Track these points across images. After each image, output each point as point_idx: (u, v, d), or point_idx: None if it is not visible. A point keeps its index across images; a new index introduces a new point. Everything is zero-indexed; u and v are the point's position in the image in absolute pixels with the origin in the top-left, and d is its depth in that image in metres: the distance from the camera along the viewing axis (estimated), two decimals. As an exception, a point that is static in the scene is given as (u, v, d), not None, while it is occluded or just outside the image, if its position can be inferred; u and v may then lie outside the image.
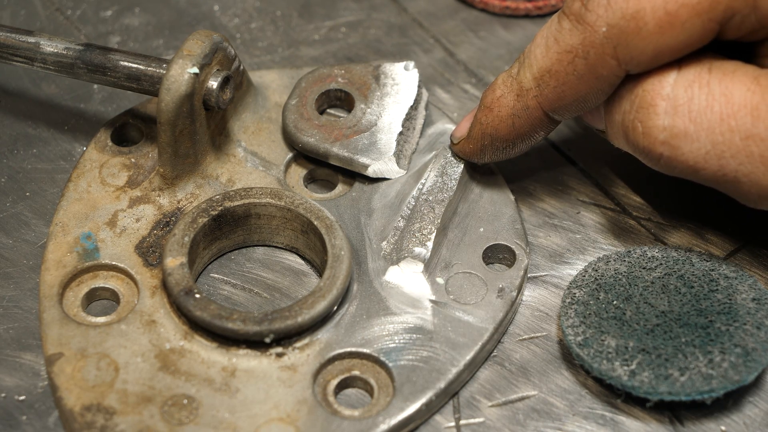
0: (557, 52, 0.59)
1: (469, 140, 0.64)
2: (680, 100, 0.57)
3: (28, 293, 0.63)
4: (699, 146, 0.57)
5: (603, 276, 0.62)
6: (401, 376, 0.59)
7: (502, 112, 0.62)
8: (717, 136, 0.57)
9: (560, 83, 0.60)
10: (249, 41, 0.75)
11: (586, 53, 0.58)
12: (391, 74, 0.68)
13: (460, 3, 0.77)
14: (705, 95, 0.57)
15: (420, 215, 0.63)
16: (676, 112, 0.57)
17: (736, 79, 0.57)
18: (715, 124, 0.57)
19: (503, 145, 0.63)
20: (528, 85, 0.61)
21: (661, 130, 0.58)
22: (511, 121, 0.62)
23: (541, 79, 0.60)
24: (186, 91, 0.62)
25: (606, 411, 0.60)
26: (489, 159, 0.64)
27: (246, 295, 0.64)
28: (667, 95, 0.58)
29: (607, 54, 0.58)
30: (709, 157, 0.57)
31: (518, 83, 0.61)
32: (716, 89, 0.57)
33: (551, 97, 0.60)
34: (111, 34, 0.75)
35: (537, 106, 0.61)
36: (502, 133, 0.62)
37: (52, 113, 0.71)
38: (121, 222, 0.64)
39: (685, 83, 0.57)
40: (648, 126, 0.58)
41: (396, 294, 0.62)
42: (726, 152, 0.57)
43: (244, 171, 0.66)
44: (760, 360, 0.58)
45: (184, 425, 0.57)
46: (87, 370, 0.59)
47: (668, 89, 0.58)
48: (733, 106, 0.57)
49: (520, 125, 0.62)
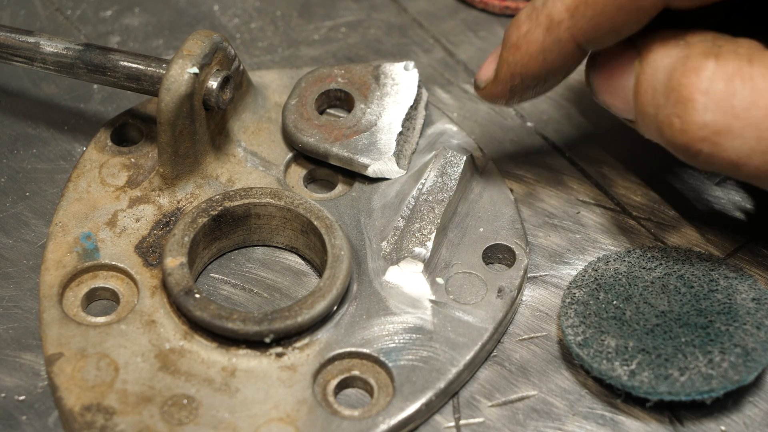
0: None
1: (496, 82, 0.61)
2: (722, 95, 0.55)
3: (28, 293, 0.63)
4: (743, 142, 0.55)
5: (603, 276, 0.62)
6: (401, 376, 0.59)
7: (531, 48, 0.58)
8: (763, 132, 0.54)
9: (597, 13, 0.57)
10: (249, 41, 0.75)
11: None
12: (391, 74, 0.68)
13: (460, 3, 0.77)
14: (749, 90, 0.54)
15: (420, 215, 0.63)
16: (717, 107, 0.55)
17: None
18: (760, 120, 0.54)
19: (534, 83, 0.60)
20: (560, 16, 0.57)
21: (701, 127, 0.55)
22: (542, 57, 0.58)
23: (576, 10, 0.57)
24: (186, 91, 0.62)
25: (606, 411, 0.60)
26: (518, 100, 0.61)
27: (246, 295, 0.64)
28: (706, 90, 0.55)
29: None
30: (753, 154, 0.55)
31: (547, 16, 0.58)
32: (761, 83, 0.54)
33: (586, 28, 0.57)
34: (111, 34, 0.75)
35: (570, 38, 0.58)
36: (533, 70, 0.59)
37: (52, 113, 0.71)
38: (121, 222, 0.64)
39: (725, 76, 0.55)
40: (687, 122, 0.55)
41: (396, 294, 0.62)
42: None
43: (244, 171, 0.66)
44: (760, 360, 0.58)
45: (184, 425, 0.57)
46: (87, 370, 0.59)
47: (707, 83, 0.55)
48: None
49: (551, 60, 0.58)
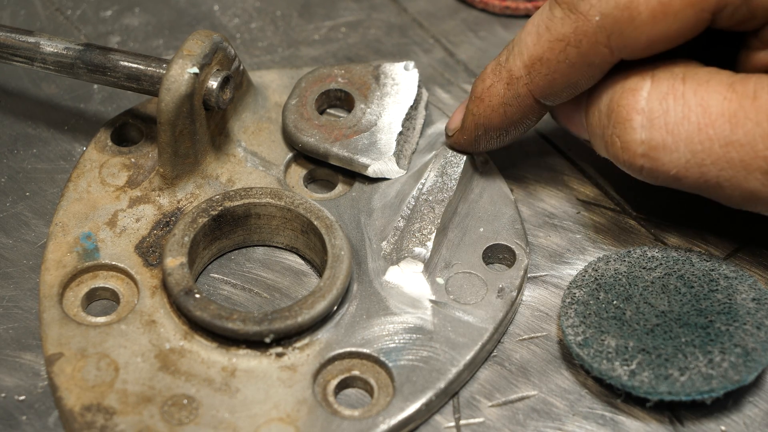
0: (549, 40, 0.59)
1: (462, 131, 0.64)
2: (656, 113, 0.58)
3: (28, 293, 0.63)
4: (678, 156, 0.57)
5: (603, 276, 0.62)
6: (401, 376, 0.59)
7: (494, 102, 0.62)
8: (696, 146, 0.57)
9: (551, 71, 0.60)
10: (249, 41, 0.75)
11: (579, 42, 0.59)
12: (391, 74, 0.68)
13: (460, 3, 0.77)
14: (681, 107, 0.57)
15: (420, 215, 0.63)
16: (652, 125, 0.58)
17: (711, 89, 0.57)
18: (693, 134, 0.57)
19: (496, 134, 0.63)
20: (518, 73, 0.61)
21: (639, 144, 0.58)
22: (502, 110, 0.62)
23: (532, 67, 0.60)
24: (186, 91, 0.62)
25: (606, 411, 0.60)
26: (483, 148, 0.65)
27: (246, 295, 0.64)
28: (642, 109, 0.58)
29: (600, 43, 0.58)
30: (689, 166, 0.58)
31: (508, 71, 0.61)
32: (692, 100, 0.57)
33: (542, 84, 0.61)
34: (111, 34, 0.75)
35: (528, 94, 0.61)
36: (495, 122, 0.63)
37: (52, 113, 0.71)
38: (121, 222, 0.64)
39: (659, 95, 0.58)
40: (626, 140, 0.58)
41: (396, 294, 0.62)
42: (706, 160, 0.57)
43: (244, 171, 0.66)
44: (760, 360, 0.58)
45: (184, 425, 0.57)
46: (87, 370, 0.59)
47: (642, 103, 0.58)
48: (711, 115, 0.57)
49: (511, 113, 0.62)
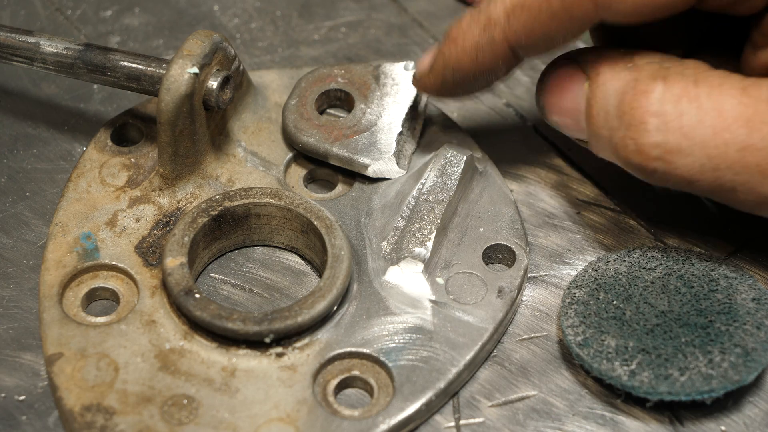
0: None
1: (431, 73, 0.63)
2: (670, 116, 0.57)
3: (28, 293, 0.63)
4: (693, 160, 0.57)
5: (603, 276, 0.62)
6: (401, 376, 0.59)
7: (467, 44, 0.61)
8: (711, 150, 0.57)
9: (531, 18, 0.59)
10: (249, 41, 0.75)
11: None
12: (391, 74, 0.68)
13: (460, 3, 0.77)
14: (695, 110, 0.57)
15: (420, 215, 0.63)
16: (667, 128, 0.57)
17: (725, 92, 0.57)
18: (708, 138, 0.57)
19: (464, 79, 0.62)
20: (497, 17, 0.60)
21: (654, 147, 0.57)
22: (474, 54, 0.61)
23: (512, 12, 0.59)
24: (186, 91, 0.62)
25: (606, 411, 0.60)
26: (448, 94, 0.64)
27: (246, 295, 0.64)
28: (656, 111, 0.57)
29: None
30: (704, 170, 0.57)
31: (486, 15, 0.60)
32: (706, 103, 0.57)
33: (519, 31, 0.59)
34: (111, 34, 0.75)
35: (503, 40, 0.60)
36: (465, 65, 0.61)
37: (52, 113, 0.71)
38: (121, 222, 0.64)
39: (672, 98, 0.57)
40: (640, 143, 0.58)
41: (396, 294, 0.62)
42: (721, 164, 0.57)
43: (244, 171, 0.66)
44: (760, 360, 0.58)
45: (184, 425, 0.57)
46: (87, 370, 0.59)
47: (656, 105, 0.57)
48: (726, 119, 0.56)
49: (483, 58, 0.61)
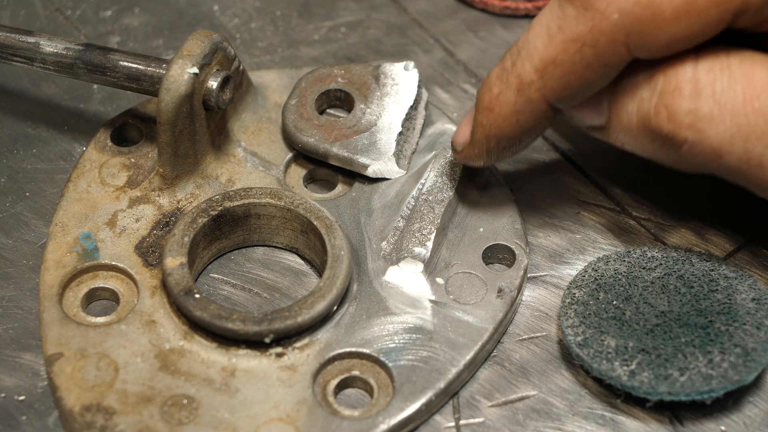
0: (562, 41, 0.57)
1: (473, 145, 0.62)
2: (703, 82, 0.56)
3: (28, 293, 0.63)
4: (724, 129, 0.56)
5: (603, 276, 0.62)
6: (401, 376, 0.59)
7: (504, 110, 0.60)
8: (741, 118, 0.56)
9: (566, 73, 0.58)
10: (249, 41, 0.75)
11: (596, 41, 0.57)
12: (391, 74, 0.68)
13: (460, 3, 0.77)
14: (727, 77, 0.56)
15: (420, 215, 0.63)
16: (700, 95, 0.56)
17: (757, 62, 0.56)
18: (738, 106, 0.56)
19: (509, 144, 0.61)
20: (529, 77, 0.58)
21: (687, 114, 0.56)
22: (515, 118, 0.60)
23: (544, 70, 0.58)
24: (186, 91, 0.62)
25: (606, 411, 0.60)
26: (495, 160, 0.62)
27: (246, 295, 0.64)
28: (690, 79, 0.56)
29: (619, 42, 0.56)
30: (734, 141, 0.56)
31: (517, 77, 0.59)
32: (737, 71, 0.56)
33: (556, 87, 0.58)
34: (111, 34, 0.75)
35: (541, 99, 0.59)
36: (507, 131, 0.60)
37: (52, 113, 0.71)
38: (120, 222, 0.64)
39: (706, 66, 0.56)
40: (674, 110, 0.56)
41: (396, 294, 0.62)
42: (751, 135, 0.56)
43: (243, 171, 0.66)
44: (759, 360, 0.58)
45: (183, 425, 0.57)
46: (87, 370, 0.59)
47: (690, 73, 0.56)
48: (756, 86, 0.56)
49: (524, 120, 0.60)
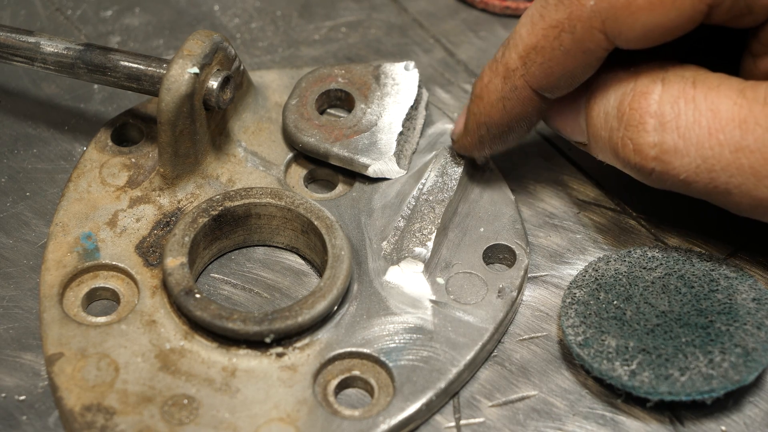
0: (543, 28, 0.59)
1: (466, 134, 0.64)
2: (668, 116, 0.58)
3: (28, 293, 0.63)
4: (689, 161, 0.57)
5: (603, 276, 0.62)
6: (401, 376, 0.59)
7: (492, 97, 0.62)
8: (706, 150, 0.57)
9: (546, 59, 0.59)
10: (249, 41, 0.75)
11: (573, 27, 0.58)
12: (391, 74, 0.68)
13: (460, 3, 0.77)
14: (692, 110, 0.57)
15: (420, 215, 0.63)
16: (664, 128, 0.58)
17: (722, 93, 0.57)
18: (704, 139, 0.57)
19: (499, 132, 0.63)
20: (514, 65, 0.60)
21: (652, 147, 0.58)
22: (501, 105, 0.62)
23: (527, 57, 0.60)
24: (186, 91, 0.62)
25: (606, 411, 0.60)
26: (489, 150, 0.64)
27: (246, 295, 0.64)
28: (654, 112, 0.58)
29: (595, 28, 0.58)
30: (699, 171, 0.57)
31: (504, 65, 0.61)
32: (702, 104, 0.57)
33: (538, 74, 0.60)
34: (111, 34, 0.75)
35: (525, 85, 0.61)
36: (495, 118, 0.62)
37: (52, 113, 0.71)
38: (121, 222, 0.64)
39: (670, 99, 0.58)
40: (638, 143, 0.58)
41: (396, 294, 0.62)
42: (716, 165, 0.57)
43: (244, 171, 0.66)
44: (760, 360, 0.58)
45: (184, 425, 0.57)
46: (87, 370, 0.59)
47: (654, 106, 0.58)
48: (721, 120, 0.57)
49: (511, 107, 0.61)
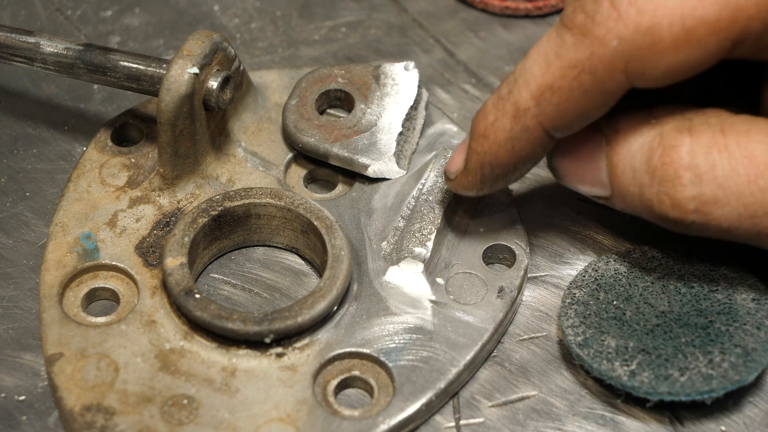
0: (560, 68, 0.57)
1: (466, 173, 0.60)
2: (703, 168, 0.56)
3: (28, 293, 0.63)
4: (731, 210, 0.56)
5: (603, 276, 0.62)
6: (401, 376, 0.59)
7: (499, 137, 0.58)
8: (748, 198, 0.56)
9: (563, 100, 0.57)
10: (249, 41, 0.75)
11: (594, 68, 0.56)
12: (391, 74, 0.68)
13: (460, 3, 0.77)
14: (727, 159, 0.56)
15: (420, 215, 0.63)
16: (701, 180, 0.56)
17: (753, 138, 0.56)
18: (743, 187, 0.56)
19: (504, 172, 0.60)
20: (526, 104, 0.57)
21: (691, 200, 0.56)
22: (510, 146, 0.58)
23: (541, 97, 0.57)
24: (186, 91, 0.62)
25: (606, 411, 0.60)
26: (489, 190, 0.61)
27: (246, 295, 0.64)
28: (688, 165, 0.56)
29: (618, 69, 0.56)
30: (742, 218, 0.56)
31: (513, 104, 0.58)
32: (736, 152, 0.56)
33: (553, 114, 0.57)
34: (111, 34, 0.75)
35: (537, 126, 0.58)
36: (502, 159, 0.59)
37: (52, 113, 0.71)
38: (121, 222, 0.64)
39: (702, 150, 0.56)
40: (676, 198, 0.57)
41: (396, 294, 0.62)
42: (759, 211, 0.56)
43: (244, 171, 0.66)
44: (760, 360, 0.58)
45: (184, 425, 0.57)
46: (87, 370, 0.59)
47: (687, 158, 0.56)
48: (759, 165, 0.56)
49: (520, 148, 0.58)
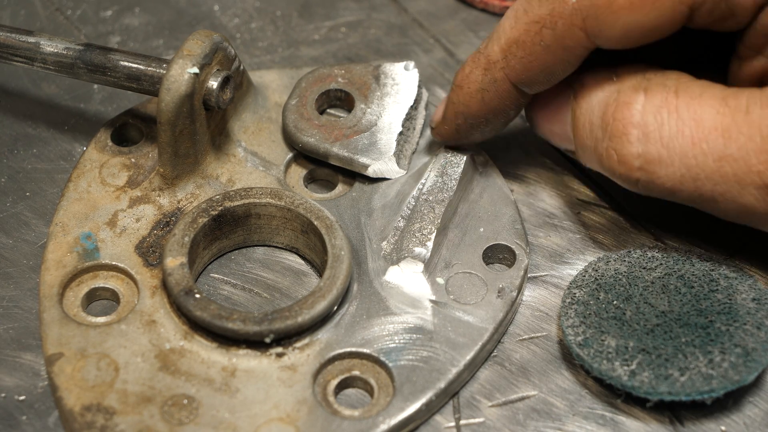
0: (525, 23, 0.60)
1: (444, 121, 0.65)
2: (651, 126, 0.58)
3: (28, 293, 0.63)
4: (674, 170, 0.58)
5: (603, 276, 0.62)
6: (401, 376, 0.59)
7: (471, 88, 0.63)
8: (690, 160, 0.57)
9: (527, 53, 0.60)
10: (249, 41, 0.75)
11: (554, 23, 0.59)
12: (391, 74, 0.68)
13: (460, 3, 0.77)
14: (675, 120, 0.58)
15: (420, 215, 0.63)
16: (648, 139, 0.58)
17: (704, 102, 0.57)
18: (687, 149, 0.57)
19: (476, 122, 0.64)
20: (495, 57, 0.61)
21: (636, 157, 0.58)
22: (480, 96, 0.63)
23: (508, 50, 0.61)
24: (186, 91, 0.62)
25: (606, 411, 0.60)
26: (465, 139, 0.65)
27: (246, 295, 0.64)
28: (637, 122, 0.58)
29: (576, 25, 0.59)
30: (684, 180, 0.58)
31: (485, 57, 0.62)
32: (685, 114, 0.57)
33: (518, 67, 0.61)
34: (111, 34, 0.75)
35: (504, 78, 0.62)
36: (474, 109, 0.63)
37: (52, 113, 0.71)
38: (121, 222, 0.64)
39: (653, 109, 0.58)
40: (622, 154, 0.59)
41: (396, 294, 0.62)
42: (700, 174, 0.57)
43: (244, 171, 0.66)
44: (760, 360, 0.58)
45: (184, 425, 0.57)
46: (87, 370, 0.59)
47: (638, 116, 0.58)
48: (704, 129, 0.57)
49: (489, 99, 0.62)
